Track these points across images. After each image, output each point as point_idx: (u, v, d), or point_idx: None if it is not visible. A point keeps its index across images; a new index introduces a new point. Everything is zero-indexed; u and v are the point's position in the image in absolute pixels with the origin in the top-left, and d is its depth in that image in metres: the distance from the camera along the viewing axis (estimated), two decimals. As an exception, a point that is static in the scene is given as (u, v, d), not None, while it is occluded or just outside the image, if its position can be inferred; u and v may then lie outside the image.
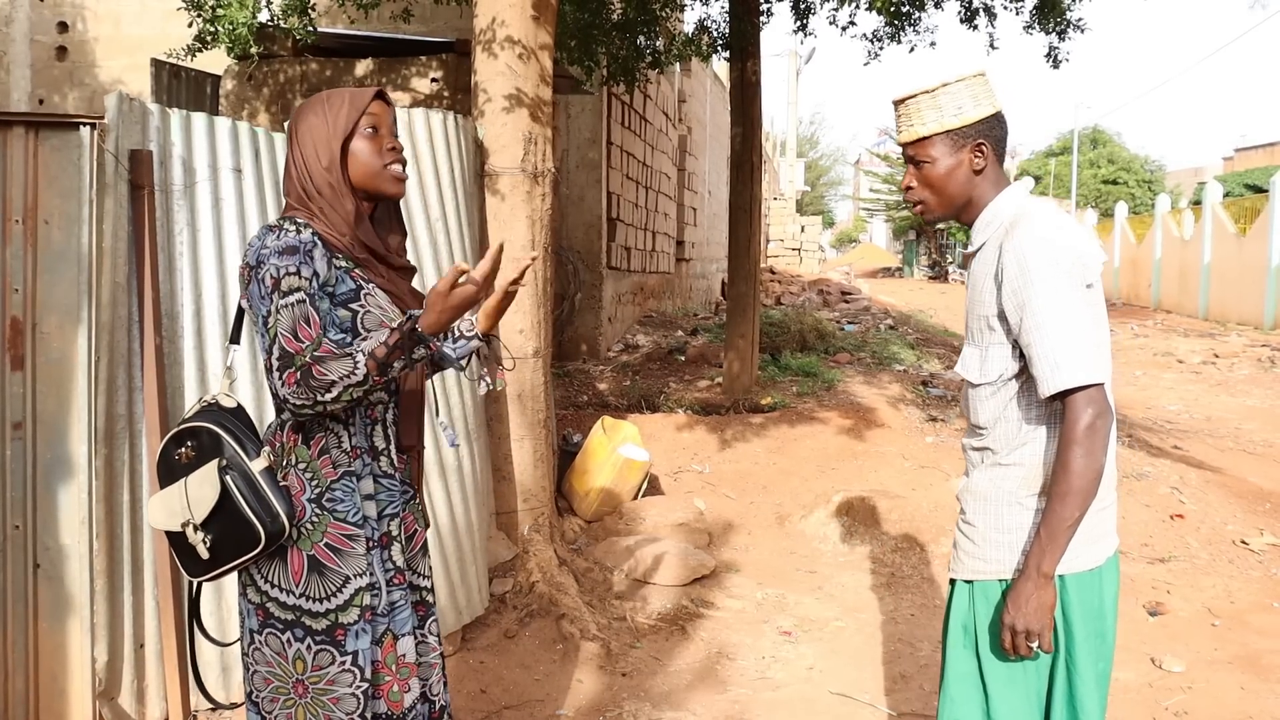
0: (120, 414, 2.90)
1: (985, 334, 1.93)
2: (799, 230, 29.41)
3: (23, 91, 9.52)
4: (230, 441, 1.82)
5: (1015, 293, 1.83)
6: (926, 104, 1.94)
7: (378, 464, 1.92)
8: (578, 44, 7.21)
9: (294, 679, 1.82)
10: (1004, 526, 1.93)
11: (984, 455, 1.99)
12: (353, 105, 1.91)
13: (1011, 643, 1.85)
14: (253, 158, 3.21)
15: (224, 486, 1.79)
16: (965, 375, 1.99)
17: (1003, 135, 1.97)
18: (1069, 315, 1.80)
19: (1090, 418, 1.78)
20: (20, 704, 2.79)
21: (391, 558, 1.94)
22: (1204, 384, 10.91)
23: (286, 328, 1.74)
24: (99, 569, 2.84)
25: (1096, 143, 40.25)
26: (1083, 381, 1.78)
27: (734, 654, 3.91)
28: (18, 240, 2.77)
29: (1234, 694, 3.57)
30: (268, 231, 1.81)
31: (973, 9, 7.75)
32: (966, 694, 1.97)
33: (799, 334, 10.52)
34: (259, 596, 1.84)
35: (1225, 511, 5.50)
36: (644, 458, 5.51)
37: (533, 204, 4.28)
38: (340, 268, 1.85)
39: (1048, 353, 1.80)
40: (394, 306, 1.92)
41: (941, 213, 2.02)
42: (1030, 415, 1.91)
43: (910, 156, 2.00)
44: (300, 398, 1.71)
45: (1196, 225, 20.28)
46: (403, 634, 1.94)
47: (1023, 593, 1.83)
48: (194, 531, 1.81)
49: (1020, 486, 1.92)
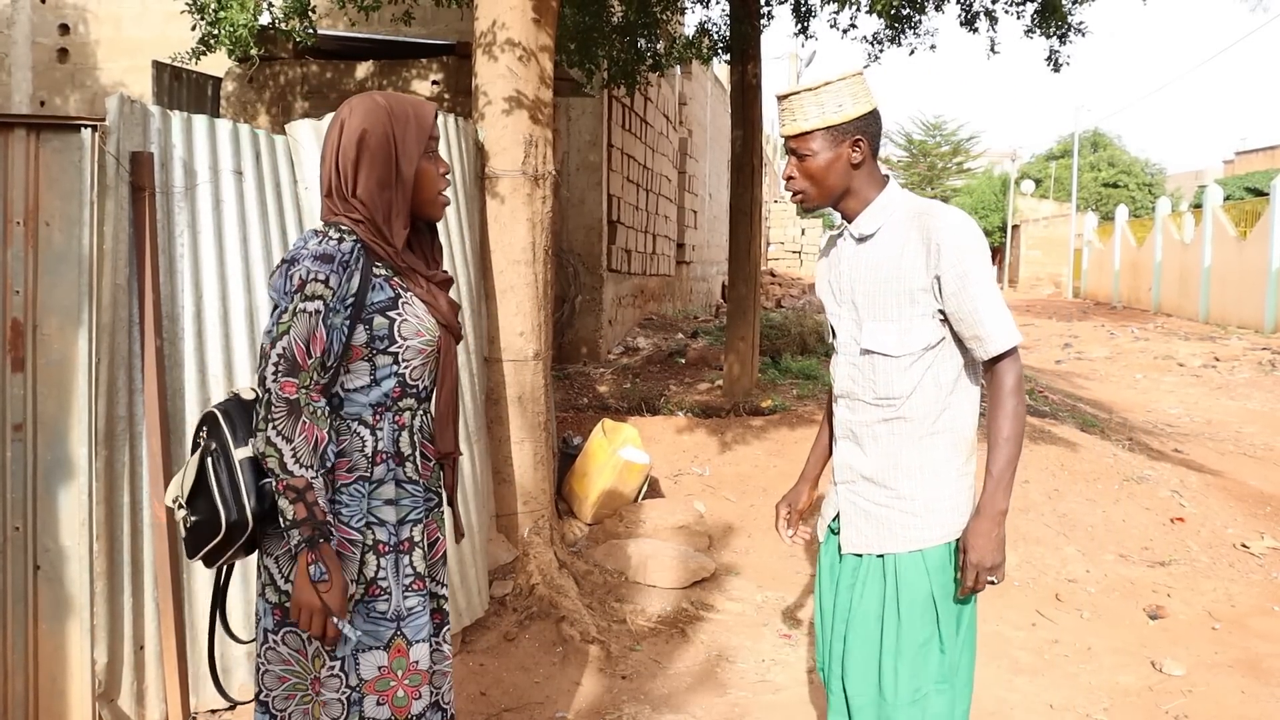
0: (121, 416, 2.90)
1: (905, 308, 2.05)
2: (799, 233, 29.44)
3: (24, 93, 9.52)
4: (225, 428, 1.84)
5: (956, 264, 1.99)
6: (810, 101, 2.06)
7: (402, 469, 1.92)
8: (578, 46, 7.22)
9: (312, 676, 1.83)
10: (945, 494, 2.08)
11: (895, 426, 2.09)
12: (420, 126, 1.90)
13: (974, 580, 2.02)
14: (254, 160, 3.21)
15: (203, 468, 1.82)
16: (882, 350, 2.08)
17: (878, 131, 2.11)
18: (995, 286, 2.03)
19: (1019, 371, 2.04)
20: (20, 705, 2.79)
21: (412, 563, 1.93)
22: (1204, 387, 10.91)
23: (301, 334, 1.75)
24: (99, 570, 2.84)
25: (1097, 146, 40.27)
26: (1017, 341, 2.02)
27: (734, 656, 3.91)
28: (18, 242, 2.77)
29: (1234, 698, 3.57)
30: (312, 235, 1.83)
31: (973, 12, 7.75)
32: (928, 657, 2.07)
33: (799, 336, 10.52)
34: (278, 596, 1.84)
35: (1226, 515, 5.50)
36: (644, 460, 5.51)
37: (533, 207, 4.28)
38: (380, 275, 1.87)
39: (989, 318, 2.00)
40: (429, 317, 1.93)
41: (820, 202, 2.14)
42: (944, 381, 2.07)
43: (793, 149, 2.12)
44: (279, 407, 1.73)
45: (1197, 228, 20.29)
46: (418, 640, 1.93)
47: (983, 531, 2.01)
48: (179, 509, 1.85)
49: (950, 452, 2.09)
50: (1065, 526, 5.30)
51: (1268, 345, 14.12)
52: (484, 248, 4.23)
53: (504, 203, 4.23)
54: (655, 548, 4.78)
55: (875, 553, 2.12)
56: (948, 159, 44.32)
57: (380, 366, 1.87)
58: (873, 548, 2.12)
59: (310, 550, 1.73)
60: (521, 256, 4.27)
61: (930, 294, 2.03)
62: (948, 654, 2.08)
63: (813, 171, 2.09)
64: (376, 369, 1.87)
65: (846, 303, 2.17)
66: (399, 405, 1.90)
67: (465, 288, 3.93)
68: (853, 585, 2.15)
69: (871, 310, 2.10)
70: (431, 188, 1.93)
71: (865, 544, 2.13)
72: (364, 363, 1.86)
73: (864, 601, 2.12)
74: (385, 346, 1.85)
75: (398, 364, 1.88)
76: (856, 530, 2.15)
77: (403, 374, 1.89)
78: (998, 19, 7.78)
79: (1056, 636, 4.12)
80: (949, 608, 2.08)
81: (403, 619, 1.90)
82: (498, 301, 4.26)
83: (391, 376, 1.88)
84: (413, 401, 1.93)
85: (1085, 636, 4.13)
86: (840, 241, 2.21)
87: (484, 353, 4.23)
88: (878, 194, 2.12)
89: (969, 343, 2.04)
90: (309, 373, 1.76)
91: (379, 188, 1.86)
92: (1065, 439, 6.57)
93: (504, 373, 4.28)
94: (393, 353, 1.86)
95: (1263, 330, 16.42)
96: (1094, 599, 4.53)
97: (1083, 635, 4.14)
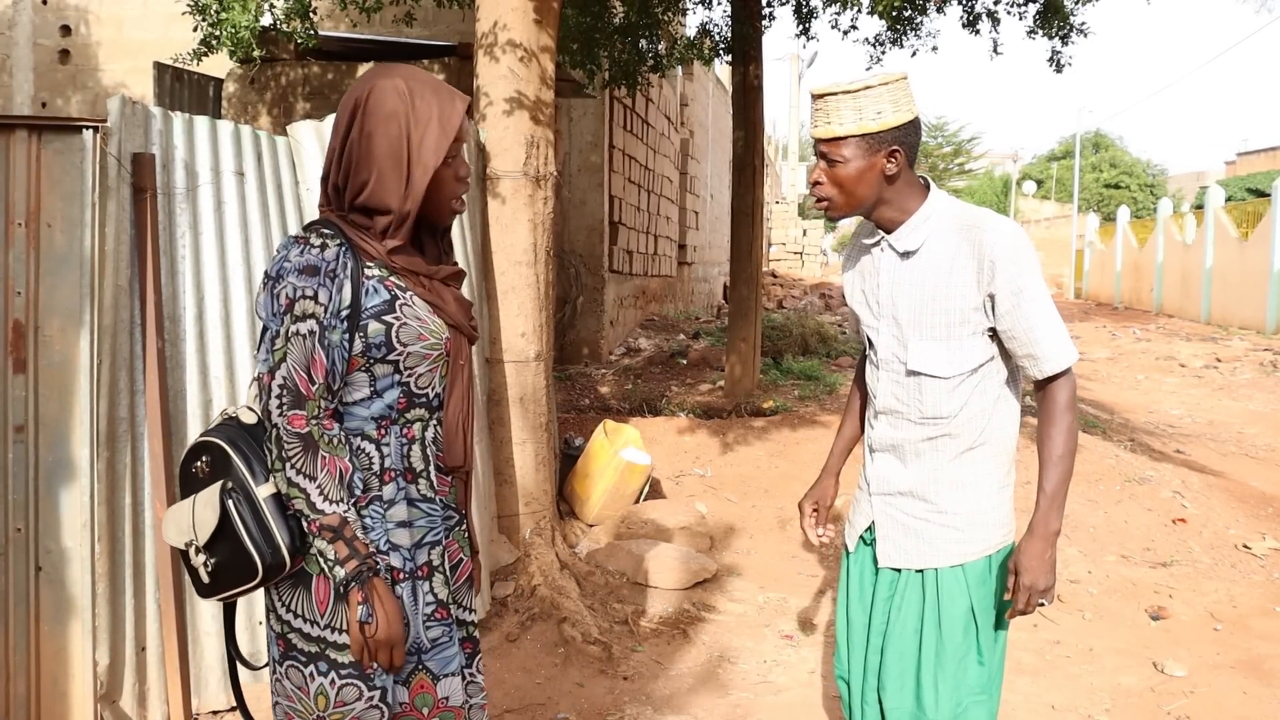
0: (122, 417, 2.90)
1: (955, 326, 1.97)
2: (801, 234, 29.43)
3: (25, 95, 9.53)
4: (239, 463, 1.67)
5: (1012, 280, 1.90)
6: (847, 104, 1.92)
7: (415, 487, 1.75)
8: (579, 47, 7.22)
9: (315, 715, 1.69)
10: (987, 506, 2.03)
11: (939, 443, 2.03)
12: (443, 130, 1.69)
13: (1026, 603, 1.95)
14: (255, 161, 3.22)
15: (225, 510, 1.66)
16: (931, 371, 2.00)
17: (917, 141, 1.99)
18: (1050, 302, 1.95)
19: (1073, 387, 1.98)
20: (21, 707, 2.79)
21: (433, 590, 1.77)
22: (1206, 388, 10.89)
23: (299, 361, 1.61)
24: (100, 572, 2.84)
25: (1099, 147, 40.29)
26: (1073, 360, 1.96)
27: (735, 657, 3.91)
28: (20, 243, 2.77)
29: (1236, 698, 3.57)
30: (292, 244, 1.65)
31: (975, 13, 7.75)
32: (967, 670, 2.03)
33: (801, 337, 10.53)
34: (280, 625, 1.71)
35: (1227, 516, 5.49)
36: (646, 461, 5.50)
37: (534, 207, 4.28)
38: (373, 277, 1.68)
39: (1046, 336, 1.93)
40: (434, 317, 1.73)
41: (846, 211, 2.02)
42: (989, 396, 2.02)
43: (823, 153, 1.98)
44: (292, 444, 1.61)
45: (1199, 229, 20.27)
46: (446, 674, 1.77)
47: (1036, 553, 1.94)
48: (195, 554, 1.70)
49: (991, 465, 2.04)
50: (1067, 527, 5.29)
51: (1269, 346, 14.10)
52: (485, 249, 4.23)
53: (505, 204, 4.23)
54: (657, 549, 4.78)
55: (915, 568, 2.06)
56: (949, 160, 44.33)
57: (380, 377, 1.70)
58: (913, 563, 2.06)
59: (359, 588, 1.61)
60: (523, 257, 4.27)
61: (982, 312, 1.94)
62: (986, 666, 2.03)
63: (842, 180, 1.96)
64: (376, 379, 1.70)
65: (887, 317, 2.06)
66: (406, 417, 1.73)
67: (466, 289, 3.93)
68: (890, 598, 2.09)
69: (918, 329, 2.00)
70: (446, 195, 1.73)
71: (905, 559, 2.07)
72: (362, 373, 1.69)
73: (902, 615, 2.06)
74: (383, 355, 1.67)
75: (399, 373, 1.70)
76: (895, 545, 2.09)
77: (407, 383, 1.72)
78: (1000, 20, 7.78)
79: (1058, 637, 4.12)
80: (988, 621, 2.03)
81: (424, 651, 1.76)
82: (499, 302, 4.26)
83: (395, 387, 1.71)
84: (423, 412, 1.75)
85: (1087, 637, 4.12)
86: (877, 251, 2.07)
87: (485, 354, 4.24)
88: (919, 204, 1.99)
89: (1022, 361, 1.97)
90: (315, 401, 1.62)
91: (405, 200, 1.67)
92: (1067, 440, 6.55)
93: (505, 374, 4.28)
94: (392, 361, 1.68)
95: (1264, 331, 16.39)
96: (1096, 600, 4.53)
97: (1084, 636, 4.13)
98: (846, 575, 2.23)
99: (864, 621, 2.16)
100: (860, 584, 2.19)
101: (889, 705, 2.07)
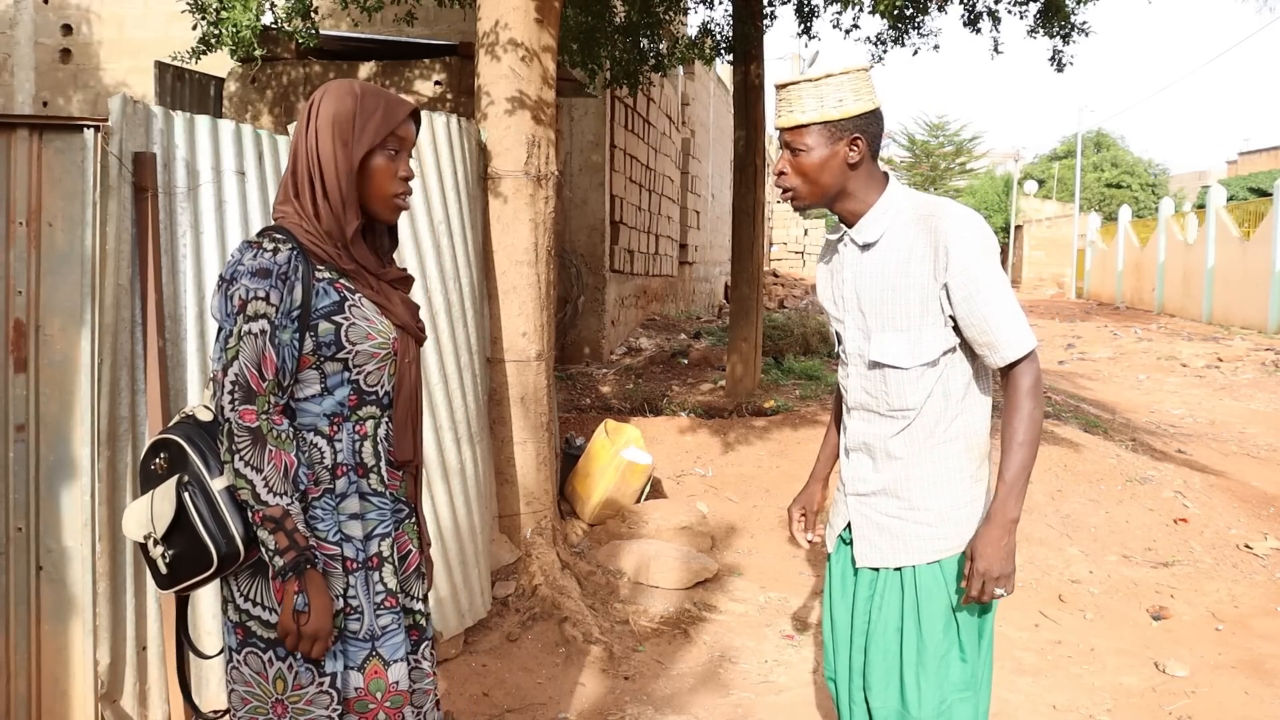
0: (123, 416, 2.90)
1: (916, 317, 1.98)
2: (802, 233, 29.44)
3: (27, 94, 9.54)
4: (195, 458, 1.76)
5: (966, 268, 1.91)
6: (809, 92, 1.97)
7: (366, 481, 1.85)
8: (581, 47, 7.22)
9: (274, 699, 1.78)
10: (960, 501, 2.03)
11: (908, 437, 2.03)
12: (385, 117, 1.81)
13: (981, 590, 1.94)
14: (256, 160, 3.22)
15: (181, 503, 1.74)
16: (892, 362, 2.01)
17: (879, 132, 2.02)
18: (1009, 289, 1.96)
19: (1037, 372, 1.96)
20: (22, 706, 2.79)
21: (382, 579, 1.86)
22: (1208, 388, 10.89)
23: (250, 358, 1.69)
24: (101, 571, 2.83)
25: (1100, 146, 40.27)
26: (1031, 347, 1.95)
27: (736, 657, 3.91)
28: (21, 242, 2.77)
29: (1238, 698, 3.56)
30: (246, 248, 1.74)
31: (976, 12, 7.75)
32: (950, 667, 2.04)
33: (802, 337, 10.53)
34: (238, 615, 1.79)
35: (1229, 516, 5.49)
36: (647, 461, 5.50)
37: (536, 207, 4.28)
38: (322, 279, 1.78)
39: (1002, 324, 1.93)
40: (382, 318, 1.84)
41: (811, 201, 2.05)
42: (955, 388, 2.02)
43: (787, 142, 2.02)
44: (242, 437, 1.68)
45: (1200, 229, 20.27)
46: (395, 660, 1.87)
47: (993, 540, 1.93)
48: (154, 545, 1.78)
49: (963, 460, 2.03)
50: (1068, 527, 5.29)
51: (1271, 346, 14.10)
52: (486, 248, 4.23)
53: (507, 203, 4.23)
54: (658, 548, 4.77)
55: (892, 566, 2.07)
56: (950, 159, 44.30)
57: (330, 374, 1.79)
58: (889, 561, 2.07)
59: (296, 578, 1.69)
60: (524, 257, 4.27)
61: (940, 301, 1.96)
62: (969, 662, 2.04)
63: (805, 168, 2.00)
64: (327, 376, 1.79)
65: (851, 311, 2.09)
66: (358, 414, 1.83)
67: (468, 288, 3.93)
68: (870, 598, 2.10)
69: (880, 320, 2.03)
70: (384, 187, 1.82)
71: (881, 558, 2.08)
72: (313, 371, 1.78)
73: (883, 614, 2.07)
74: (333, 353, 1.77)
75: (349, 370, 1.80)
76: (870, 544, 2.10)
77: (356, 380, 1.81)
78: (1001, 19, 7.79)
79: (1059, 637, 4.11)
80: (969, 617, 2.04)
81: (377, 638, 1.85)
82: (500, 302, 4.26)
83: (345, 384, 1.80)
84: (374, 409, 1.85)
85: (1088, 637, 4.12)
86: (841, 247, 2.11)
87: (486, 353, 4.23)
88: (878, 196, 2.03)
89: (981, 350, 1.97)
90: (265, 397, 1.71)
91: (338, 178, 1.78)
92: (1068, 440, 6.56)
93: (506, 373, 4.28)
94: (341, 359, 1.78)
95: (1266, 331, 16.39)
96: (1097, 600, 4.53)
97: (1086, 636, 4.13)
98: (830, 576, 2.25)
99: (848, 621, 2.18)
100: (843, 584, 2.20)
101: (875, 704, 2.08)
